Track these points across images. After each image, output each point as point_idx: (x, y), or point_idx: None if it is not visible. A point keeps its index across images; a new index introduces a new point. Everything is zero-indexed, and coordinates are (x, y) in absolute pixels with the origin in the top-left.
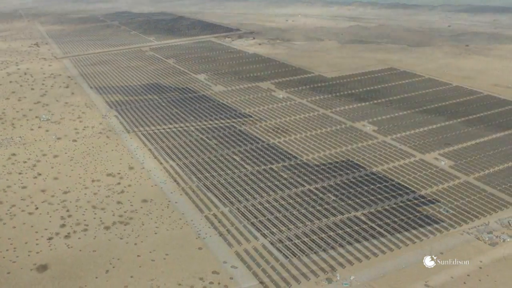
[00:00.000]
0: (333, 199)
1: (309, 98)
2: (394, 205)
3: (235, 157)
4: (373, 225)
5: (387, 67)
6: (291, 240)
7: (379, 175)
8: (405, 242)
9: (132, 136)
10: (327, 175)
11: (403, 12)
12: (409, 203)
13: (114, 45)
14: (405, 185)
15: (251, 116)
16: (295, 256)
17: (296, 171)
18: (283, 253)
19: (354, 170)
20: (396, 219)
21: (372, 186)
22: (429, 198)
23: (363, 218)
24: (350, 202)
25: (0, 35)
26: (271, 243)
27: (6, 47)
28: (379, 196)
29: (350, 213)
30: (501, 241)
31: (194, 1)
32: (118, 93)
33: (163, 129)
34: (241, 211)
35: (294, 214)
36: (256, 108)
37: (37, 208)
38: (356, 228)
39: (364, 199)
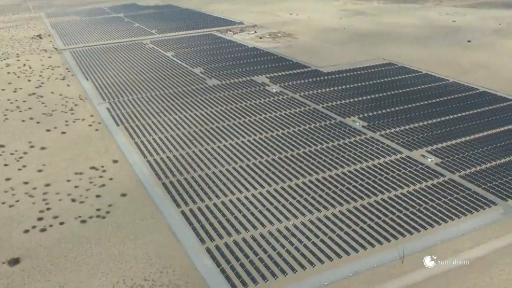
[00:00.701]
0: (312, 196)
1: (302, 92)
2: (373, 203)
3: (220, 151)
4: (349, 222)
5: (386, 62)
6: (264, 237)
7: (361, 172)
8: (380, 240)
9: (121, 129)
10: (310, 171)
11: (410, 7)
12: (388, 200)
13: (116, 37)
14: (387, 182)
15: (240, 110)
16: (266, 254)
17: (279, 166)
18: (254, 251)
19: (337, 167)
20: (373, 217)
21: (353, 183)
22: (409, 196)
23: (339, 215)
24: (328, 198)
25: (5, 26)
26: (244, 240)
27: (9, 38)
28: (359, 194)
29: (327, 209)
30: (484, 241)
31: None
32: (113, 85)
33: (152, 122)
34: (218, 206)
35: (270, 211)
36: (247, 103)
37: (18, 201)
38: (332, 226)
39: (343, 196)
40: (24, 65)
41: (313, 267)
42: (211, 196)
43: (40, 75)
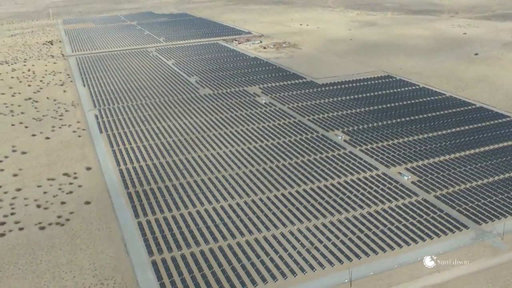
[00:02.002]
0: (273, 212)
1: (290, 104)
2: (335, 221)
3: (193, 163)
4: (304, 242)
5: (385, 74)
6: (213, 253)
7: (330, 189)
8: (332, 262)
9: (103, 136)
10: (278, 186)
11: (424, 18)
12: (352, 220)
13: (124, 45)
14: (355, 200)
15: (224, 121)
16: (210, 270)
17: (248, 179)
18: (199, 266)
19: (307, 182)
20: (331, 237)
21: (319, 200)
22: (375, 216)
23: (296, 233)
24: (289, 215)
25: (21, 32)
26: (192, 254)
27: (22, 44)
28: (323, 211)
29: (286, 227)
30: (447, 268)
31: (217, 3)
32: (108, 92)
33: (135, 130)
34: (175, 218)
35: (227, 225)
36: (233, 113)
37: None
38: (286, 244)
39: (305, 213)
40: (29, 70)
41: (255, 287)
42: (172, 207)
43: (41, 81)
